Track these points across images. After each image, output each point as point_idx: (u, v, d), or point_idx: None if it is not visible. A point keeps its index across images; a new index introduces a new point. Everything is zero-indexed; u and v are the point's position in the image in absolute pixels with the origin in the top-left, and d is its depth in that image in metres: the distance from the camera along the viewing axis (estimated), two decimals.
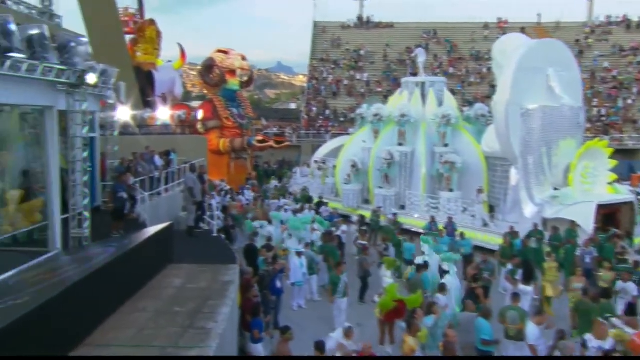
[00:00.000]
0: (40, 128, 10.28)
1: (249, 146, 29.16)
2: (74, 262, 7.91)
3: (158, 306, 7.35)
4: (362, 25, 54.14)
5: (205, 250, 10.94)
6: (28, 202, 10.83)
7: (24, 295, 6.01)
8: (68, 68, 8.83)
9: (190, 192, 11.69)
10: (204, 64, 29.27)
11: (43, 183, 11.15)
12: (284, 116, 55.70)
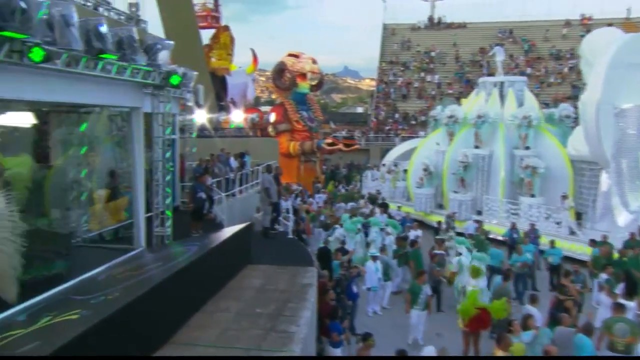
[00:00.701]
0: (126, 129, 10.67)
1: (318, 149, 29.19)
2: (159, 260, 8.02)
3: (240, 307, 7.26)
4: (433, 26, 52.93)
5: (282, 251, 10.84)
6: (114, 201, 11.25)
7: (114, 291, 6.10)
8: (154, 69, 9.03)
9: (267, 193, 11.67)
10: (275, 68, 29.64)
11: (128, 183, 11.57)
12: (350, 120, 55.54)
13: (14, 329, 5.21)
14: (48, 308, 6.06)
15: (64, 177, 10.10)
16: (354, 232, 14.63)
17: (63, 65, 6.73)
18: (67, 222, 9.65)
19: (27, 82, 6.54)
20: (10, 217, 6.61)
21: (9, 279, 6.36)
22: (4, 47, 5.72)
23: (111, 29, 7.93)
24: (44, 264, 7.79)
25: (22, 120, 9.25)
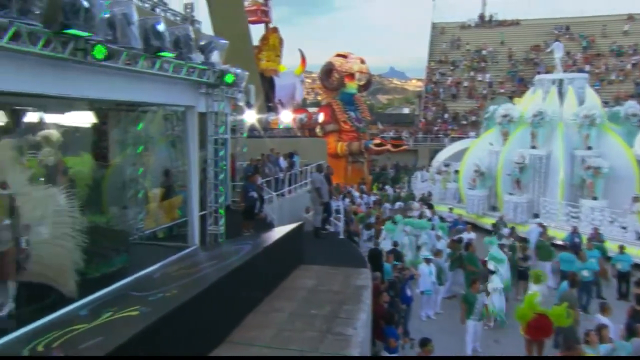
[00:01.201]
0: (181, 128, 10.78)
1: (365, 149, 28.92)
2: (213, 259, 8.00)
3: (294, 307, 7.12)
4: (484, 24, 51.43)
5: (334, 252, 10.64)
6: (168, 200, 11.42)
7: (171, 288, 6.09)
8: (208, 68, 9.06)
9: (318, 193, 11.52)
10: (323, 69, 29.60)
11: (182, 182, 11.71)
12: (397, 121, 54.82)
13: (77, 324, 5.27)
14: (108, 303, 6.12)
15: (121, 175, 10.32)
16: (393, 232, 14.26)
17: (123, 63, 6.81)
18: (124, 220, 9.83)
19: (90, 81, 6.65)
20: (71, 214, 6.75)
21: (69, 273, 6.47)
22: (68, 45, 5.82)
23: (168, 28, 8.00)
24: (103, 260, 7.94)
25: (82, 120, 9.49)
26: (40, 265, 6.30)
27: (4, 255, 6.04)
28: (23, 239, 6.15)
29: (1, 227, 6.02)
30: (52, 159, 8.22)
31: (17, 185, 6.23)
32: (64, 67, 6.10)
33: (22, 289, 6.12)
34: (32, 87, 5.83)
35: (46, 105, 8.35)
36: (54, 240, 6.41)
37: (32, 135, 8.02)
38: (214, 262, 7.43)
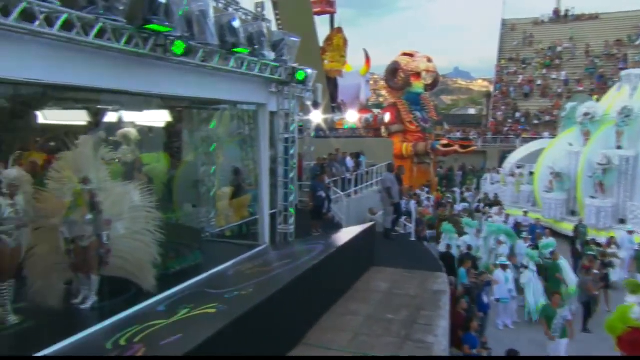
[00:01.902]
0: (251, 126, 10.79)
1: (432, 150, 28.07)
2: (285, 258, 7.86)
3: (369, 311, 6.82)
4: (559, 20, 48.70)
5: (405, 254, 10.24)
6: (237, 199, 11.47)
7: (247, 287, 5.97)
8: (280, 65, 8.96)
9: (388, 193, 11.15)
10: (388, 68, 29.08)
11: (251, 180, 11.75)
12: (462, 122, 53.10)
13: (156, 319, 5.25)
14: (184, 300, 6.10)
15: (194, 173, 10.46)
16: (452, 232, 13.57)
17: (199, 60, 6.81)
18: (197, 218, 9.94)
19: (167, 78, 6.69)
20: (149, 209, 6.82)
21: (147, 268, 6.53)
22: (149, 41, 5.86)
23: (242, 25, 7.96)
24: (177, 256, 8.03)
25: (158, 119, 9.69)
26: (121, 260, 6.40)
27: (86, 250, 6.19)
28: (104, 233, 6.27)
29: (83, 222, 6.17)
30: (130, 157, 8.42)
31: (98, 181, 6.37)
32: (142, 63, 6.15)
33: (104, 282, 6.25)
34: (114, 84, 5.91)
35: (124, 104, 8.59)
36: (134, 235, 6.50)
37: (111, 133, 8.26)
38: (287, 262, 7.27)
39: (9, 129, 8.82)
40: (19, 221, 5.59)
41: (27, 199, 5.91)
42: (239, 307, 5.10)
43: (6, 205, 5.51)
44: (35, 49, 4.78)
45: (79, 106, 8.99)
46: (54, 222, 6.19)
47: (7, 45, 4.51)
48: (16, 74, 4.73)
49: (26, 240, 5.88)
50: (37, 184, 6.21)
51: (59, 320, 5.78)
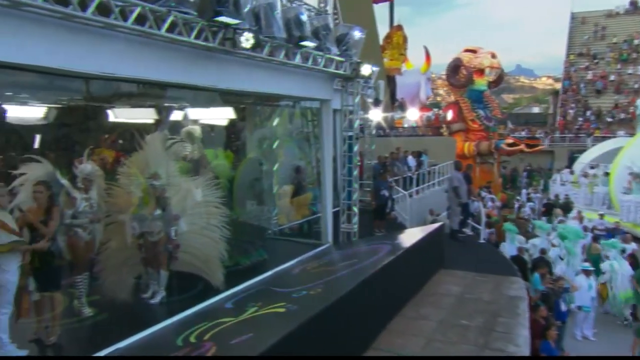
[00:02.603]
0: (315, 123, 10.62)
1: (496, 150, 26.92)
2: (351, 257, 7.61)
3: (441, 315, 6.44)
4: (636, 11, 45.50)
5: (475, 257, 9.70)
6: (298, 197, 11.34)
7: (315, 286, 5.77)
8: (345, 60, 8.73)
9: (456, 192, 10.64)
10: (450, 65, 28.17)
11: (311, 178, 11.59)
12: (526, 121, 50.85)
13: (225, 317, 5.16)
14: (251, 297, 5.99)
15: (257, 171, 10.42)
16: (515, 233, 12.75)
17: (266, 54, 6.69)
18: (260, 215, 9.87)
19: (234, 73, 6.63)
20: (217, 205, 6.78)
21: (215, 264, 6.48)
22: (218, 35, 5.79)
23: (307, 19, 7.79)
24: (242, 253, 7.97)
25: (222, 116, 9.71)
26: (190, 255, 6.39)
27: (156, 245, 6.22)
28: (173, 229, 6.28)
29: (153, 218, 6.20)
30: (196, 154, 8.45)
31: (167, 176, 6.39)
32: (210, 58, 6.10)
33: (172, 278, 6.26)
34: (183, 78, 5.87)
35: (188, 101, 8.65)
36: (202, 230, 6.47)
37: (176, 131, 8.32)
38: (353, 262, 7.01)
39: (81, 129, 9.13)
40: (93, 215, 5.67)
41: (100, 194, 6.00)
42: (309, 307, 4.91)
43: (81, 199, 5.60)
44: (108, 43, 4.80)
45: (145, 104, 9.18)
46: (125, 217, 6.27)
47: (83, 39, 4.54)
48: (92, 69, 4.76)
49: (99, 234, 5.98)
50: (107, 180, 6.31)
51: (129, 314, 5.83)
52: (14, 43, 3.98)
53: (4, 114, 7.66)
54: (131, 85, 9.74)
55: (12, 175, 5.41)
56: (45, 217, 4.87)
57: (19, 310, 4.56)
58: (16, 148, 8.25)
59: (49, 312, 4.98)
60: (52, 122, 8.14)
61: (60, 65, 4.43)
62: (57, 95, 8.67)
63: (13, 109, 7.68)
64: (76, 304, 5.59)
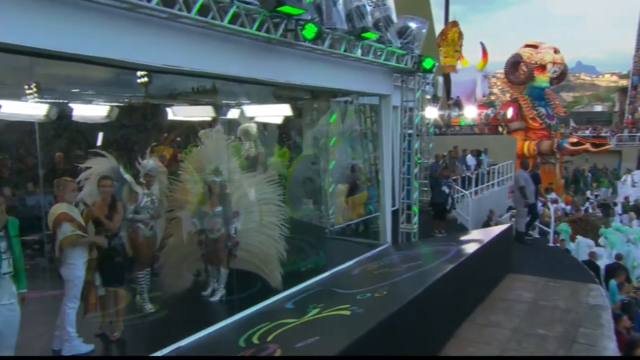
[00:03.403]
0: (374, 119, 10.30)
1: (559, 149, 25.63)
2: (414, 259, 7.26)
3: (514, 323, 5.98)
4: None
5: (545, 261, 9.08)
6: (354, 196, 11.07)
7: (379, 288, 5.48)
8: (407, 53, 8.38)
9: (522, 193, 10.02)
10: (509, 61, 27.08)
11: (366, 177, 11.28)
12: (588, 119, 48.26)
13: (286, 318, 4.96)
14: (312, 298, 5.77)
15: (310, 169, 10.23)
16: (568, 233, 11.87)
17: (327, 46, 6.46)
18: (317, 214, 9.69)
19: (295, 66, 6.44)
20: (277, 203, 6.61)
21: (274, 264, 6.32)
22: (280, 26, 5.61)
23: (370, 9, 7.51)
24: (300, 253, 7.80)
25: (279, 112, 9.59)
26: (249, 253, 6.26)
27: (216, 242, 6.12)
28: (233, 226, 6.16)
29: (213, 214, 6.11)
30: (253, 151, 8.36)
31: (228, 172, 6.28)
32: (271, 51, 5.93)
33: (231, 276, 6.14)
34: (243, 71, 5.73)
35: (245, 98, 8.58)
36: (262, 228, 6.32)
37: (233, 128, 8.26)
38: (417, 264, 6.65)
39: (139, 130, 9.27)
40: (155, 211, 5.62)
41: (162, 190, 5.96)
42: (376, 311, 4.64)
43: (143, 195, 5.56)
44: (171, 35, 4.71)
45: (202, 102, 9.20)
46: (186, 213, 6.21)
47: (147, 31, 4.47)
48: (155, 61, 4.68)
49: (160, 230, 5.94)
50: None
51: (190, 311, 5.75)
52: (78, 34, 3.92)
53: (70, 113, 7.83)
54: (188, 83, 9.85)
55: (78, 169, 5.45)
56: (110, 212, 4.85)
57: (86, 305, 4.54)
58: (79, 146, 8.46)
59: (113, 308, 4.95)
60: (113, 121, 8.27)
61: (123, 57, 4.37)
62: (119, 93, 8.85)
63: (78, 107, 7.85)
64: (138, 299, 5.56)
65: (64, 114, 7.53)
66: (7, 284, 3.63)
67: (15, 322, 3.69)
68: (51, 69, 5.56)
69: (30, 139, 8.64)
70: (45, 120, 6.92)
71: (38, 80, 6.26)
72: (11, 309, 3.65)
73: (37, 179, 6.64)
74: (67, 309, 4.30)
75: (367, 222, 10.47)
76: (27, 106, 6.74)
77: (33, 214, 7.21)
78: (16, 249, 3.70)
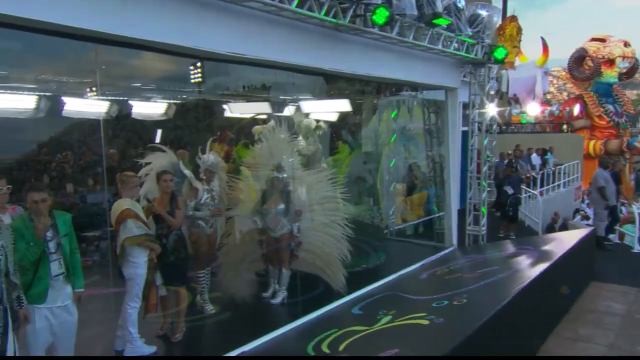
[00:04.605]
0: (437, 115, 9.75)
1: (629, 149, 23.98)
2: (487, 264, 6.69)
3: (609, 339, 5.34)
4: None
5: (631, 269, 8.23)
6: (413, 196, 10.58)
7: (456, 296, 4.99)
8: (477, 42, 7.81)
9: (602, 193, 9.18)
10: (573, 56, 25.61)
11: (425, 176, 10.73)
12: None
13: (355, 325, 4.58)
14: (380, 304, 5.37)
15: (366, 167, 9.81)
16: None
17: (395, 34, 6.03)
18: (378, 214, 9.25)
19: (360, 56, 6.06)
20: (339, 201, 6.24)
21: (337, 265, 5.94)
22: (348, 12, 5.24)
23: None
24: (361, 254, 7.39)
25: (338, 108, 9.23)
26: (311, 254, 5.92)
27: (278, 241, 5.82)
28: (295, 225, 5.84)
29: (276, 212, 5.80)
30: (311, 148, 8.02)
31: (290, 169, 5.97)
32: (337, 40, 5.60)
33: (293, 277, 5.82)
34: (308, 61, 5.40)
35: (303, 93, 8.29)
36: (324, 228, 5.96)
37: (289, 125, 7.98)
38: (493, 270, 6.09)
39: (192, 131, 9.18)
40: (215, 208, 5.38)
41: (222, 186, 5.72)
42: (457, 321, 4.18)
43: (203, 191, 5.33)
44: (238, 21, 4.45)
45: (256, 99, 9.00)
46: (246, 211, 5.95)
47: (208, 15, 4.20)
48: (218, 48, 4.42)
49: (220, 228, 5.70)
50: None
51: (251, 313, 5.46)
52: (137, 19, 3.70)
53: (130, 110, 7.79)
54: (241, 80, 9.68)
55: (138, 164, 5.30)
56: (171, 208, 4.63)
57: (147, 305, 4.32)
58: (136, 144, 8.45)
59: (174, 308, 4.73)
60: (168, 120, 8.21)
61: (193, 45, 4.14)
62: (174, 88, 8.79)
63: (136, 104, 7.81)
64: (198, 300, 5.33)
65: (123, 111, 7.51)
66: (60, 285, 3.36)
67: (72, 324, 3.47)
68: (111, 65, 5.48)
69: (91, 137, 8.74)
70: (106, 117, 6.89)
71: (101, 77, 6.20)
72: (67, 310, 3.42)
73: (101, 176, 6.58)
74: (129, 309, 4.09)
75: (429, 223, 9.95)
76: (89, 103, 6.72)
77: (93, 210, 7.22)
78: (66, 247, 3.40)
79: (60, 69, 6.74)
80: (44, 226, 3.22)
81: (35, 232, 3.20)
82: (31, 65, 6.43)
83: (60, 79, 6.94)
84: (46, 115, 6.46)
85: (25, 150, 8.33)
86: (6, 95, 6.20)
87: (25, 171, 8.19)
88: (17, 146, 7.83)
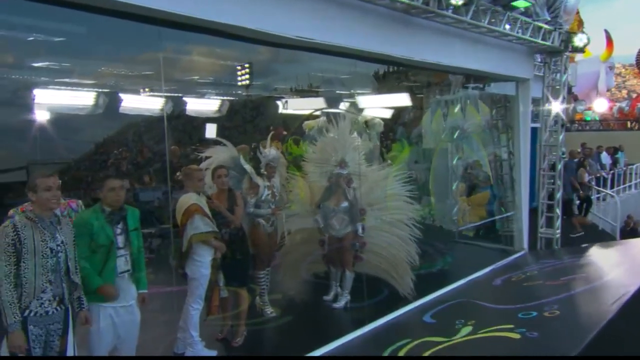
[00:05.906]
0: (507, 108, 9.09)
1: None
2: (572, 270, 6.07)
3: None
4: None
5: None
6: (475, 196, 9.98)
7: (544, 305, 4.46)
8: (555, 28, 7.18)
9: None
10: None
11: (487, 175, 10.10)
12: None
13: (431, 335, 4.16)
14: (454, 312, 4.92)
15: (441, 164, 9.30)
16: None
17: (470, 18, 5.54)
18: (443, 214, 8.75)
19: (431, 43, 5.64)
20: (407, 200, 5.79)
21: (404, 269, 5.51)
22: None
23: None
24: (425, 257, 6.90)
25: (398, 103, 8.77)
26: (376, 256, 5.51)
27: (341, 241, 5.44)
28: (360, 224, 5.44)
29: (339, 210, 5.44)
30: (370, 144, 7.62)
31: (354, 165, 5.58)
32: (408, 25, 5.22)
33: (357, 280, 5.44)
34: (377, 47, 5.03)
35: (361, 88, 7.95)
36: (390, 228, 5.53)
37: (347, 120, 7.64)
38: (581, 276, 5.50)
39: (240, 132, 8.99)
40: (276, 206, 5.06)
41: (282, 182, 5.41)
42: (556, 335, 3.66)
43: (264, 187, 5.01)
44: (301, 5, 4.12)
45: (309, 94, 8.71)
46: (308, 208, 5.62)
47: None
48: (286, 31, 4.11)
49: (281, 226, 5.38)
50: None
51: (313, 318, 5.12)
52: None
53: (184, 106, 7.63)
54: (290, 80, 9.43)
55: (198, 158, 5.07)
56: (229, 205, 4.34)
57: (209, 306, 4.04)
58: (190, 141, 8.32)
59: (234, 310, 4.45)
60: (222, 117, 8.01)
61: (260, 27, 3.83)
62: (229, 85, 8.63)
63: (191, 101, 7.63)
64: (258, 302, 5.03)
65: (178, 108, 7.36)
66: (125, 283, 3.12)
67: (135, 325, 3.23)
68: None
69: (150, 133, 8.71)
70: (160, 114, 6.74)
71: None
72: (130, 311, 3.17)
73: (164, 172, 6.41)
74: (192, 310, 3.83)
75: (492, 225, 9.35)
76: (147, 100, 6.58)
77: (147, 207, 7.09)
78: (135, 243, 3.16)
79: (123, 65, 6.76)
80: (118, 217, 3.04)
81: (106, 223, 2.99)
82: (94, 60, 6.43)
83: (123, 73, 6.92)
84: (104, 112, 6.40)
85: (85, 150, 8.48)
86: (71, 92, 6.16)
87: (84, 170, 8.29)
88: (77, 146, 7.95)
